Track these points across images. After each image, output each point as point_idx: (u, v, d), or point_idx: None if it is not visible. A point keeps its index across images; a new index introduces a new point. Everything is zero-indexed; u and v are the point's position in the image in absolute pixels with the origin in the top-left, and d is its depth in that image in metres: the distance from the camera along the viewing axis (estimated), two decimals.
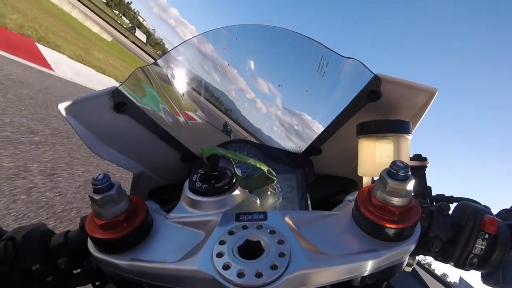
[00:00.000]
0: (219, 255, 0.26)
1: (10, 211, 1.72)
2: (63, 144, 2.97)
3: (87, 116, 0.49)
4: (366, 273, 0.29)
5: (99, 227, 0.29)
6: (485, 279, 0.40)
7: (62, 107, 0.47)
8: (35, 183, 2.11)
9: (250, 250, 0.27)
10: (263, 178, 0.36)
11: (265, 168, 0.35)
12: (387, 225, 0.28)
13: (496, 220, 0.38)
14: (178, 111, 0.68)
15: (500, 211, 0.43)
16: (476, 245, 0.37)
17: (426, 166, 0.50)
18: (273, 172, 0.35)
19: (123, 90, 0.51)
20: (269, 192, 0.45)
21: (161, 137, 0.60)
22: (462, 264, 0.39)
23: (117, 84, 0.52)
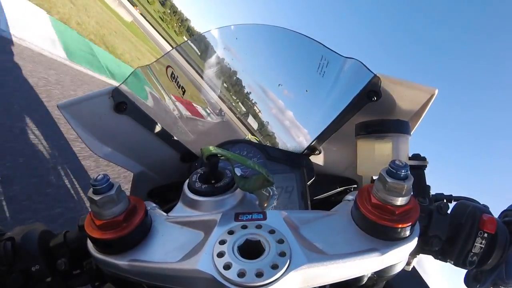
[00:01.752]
0: (220, 255, 0.26)
1: None
2: None
3: (87, 116, 0.49)
4: (366, 273, 0.29)
5: (98, 227, 0.29)
6: (475, 280, 0.41)
7: (62, 107, 0.47)
8: None
9: (250, 250, 0.27)
10: (261, 180, 0.36)
11: (263, 171, 0.35)
12: (387, 224, 0.28)
13: (495, 219, 0.38)
14: (178, 111, 0.68)
15: (500, 213, 0.43)
16: (475, 244, 0.37)
17: (425, 166, 0.50)
18: (271, 176, 0.36)
19: (123, 90, 0.51)
20: (268, 193, 0.45)
21: (161, 137, 0.60)
22: (462, 262, 0.39)
23: None
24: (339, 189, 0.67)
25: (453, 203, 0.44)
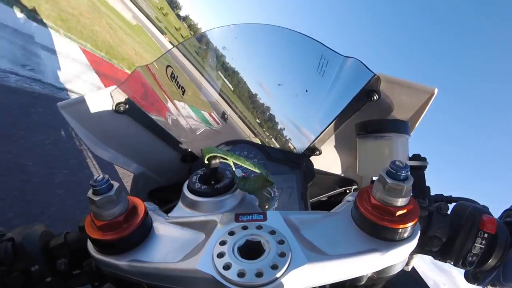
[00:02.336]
0: (220, 255, 0.26)
1: None
2: None
3: (87, 116, 0.49)
4: (365, 273, 0.29)
5: (99, 228, 0.29)
6: (474, 278, 0.41)
7: (62, 107, 0.47)
8: None
9: (251, 250, 0.27)
10: (261, 181, 0.36)
11: (263, 171, 0.35)
12: (387, 225, 0.28)
13: (495, 219, 0.38)
14: (178, 111, 0.68)
15: (502, 212, 0.43)
16: (475, 244, 0.37)
17: (425, 166, 0.50)
18: (271, 176, 0.36)
19: (122, 90, 0.51)
20: (268, 194, 0.45)
21: (161, 137, 0.60)
22: (461, 263, 0.39)
23: None
24: (339, 190, 0.67)
25: (453, 204, 0.44)
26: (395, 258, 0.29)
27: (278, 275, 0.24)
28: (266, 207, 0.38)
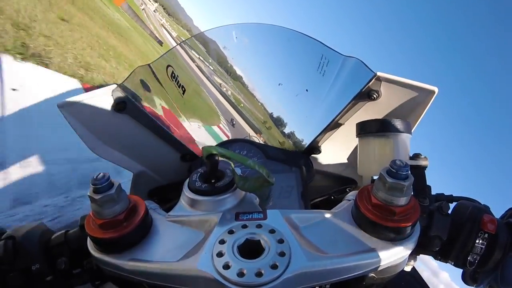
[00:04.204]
0: (219, 254, 0.26)
1: None
2: None
3: (87, 115, 0.49)
4: (365, 272, 0.29)
5: (99, 226, 0.29)
6: (472, 279, 0.41)
7: (62, 106, 0.46)
8: None
9: (250, 249, 0.27)
10: (261, 181, 0.36)
11: (264, 171, 0.35)
12: (387, 224, 0.28)
13: (496, 219, 0.38)
14: (178, 111, 0.68)
15: (506, 211, 0.43)
16: (476, 244, 0.37)
17: (426, 166, 0.50)
18: (272, 176, 0.35)
19: (123, 90, 0.51)
20: (267, 193, 0.45)
21: (161, 136, 0.59)
22: (462, 263, 0.39)
23: None
24: (339, 189, 0.67)
25: (454, 203, 0.43)
26: (395, 258, 0.29)
27: (277, 274, 0.24)
28: (270, 203, 0.38)
